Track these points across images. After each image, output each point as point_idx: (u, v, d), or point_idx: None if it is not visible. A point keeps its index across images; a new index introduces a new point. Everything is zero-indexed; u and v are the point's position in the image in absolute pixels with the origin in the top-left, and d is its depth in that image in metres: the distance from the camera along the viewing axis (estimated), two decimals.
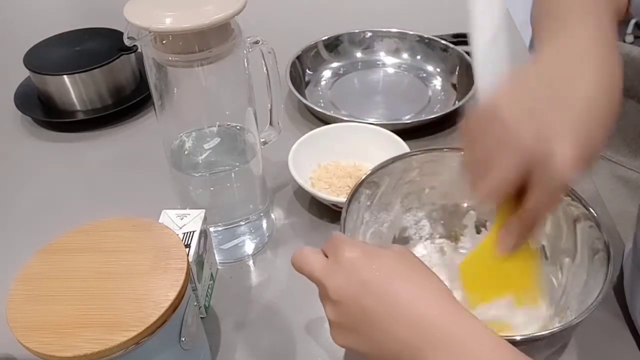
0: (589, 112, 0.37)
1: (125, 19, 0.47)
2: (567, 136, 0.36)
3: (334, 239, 0.41)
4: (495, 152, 0.39)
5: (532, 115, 0.38)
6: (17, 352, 0.53)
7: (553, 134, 0.36)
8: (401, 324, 0.35)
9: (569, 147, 0.36)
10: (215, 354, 0.54)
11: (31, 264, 0.43)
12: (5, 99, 0.87)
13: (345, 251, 0.39)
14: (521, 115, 0.38)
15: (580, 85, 0.38)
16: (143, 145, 0.80)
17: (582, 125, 0.37)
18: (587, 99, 0.38)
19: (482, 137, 0.40)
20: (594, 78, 0.39)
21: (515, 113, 0.38)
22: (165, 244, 0.44)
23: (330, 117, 0.79)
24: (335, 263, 0.39)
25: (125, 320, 0.38)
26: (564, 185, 0.38)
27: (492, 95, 0.41)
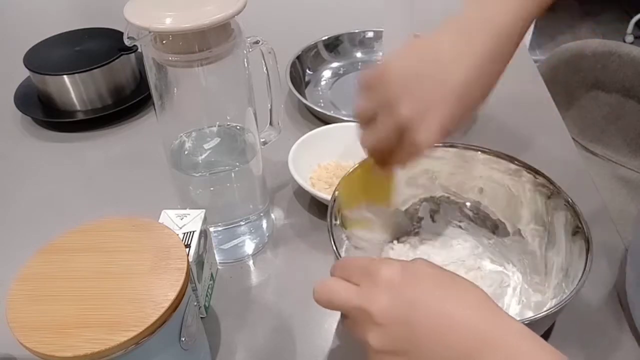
0: (459, 97, 0.43)
1: (125, 19, 0.47)
2: (435, 117, 0.43)
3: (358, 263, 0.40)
4: (378, 110, 0.45)
5: (413, 88, 0.43)
6: (17, 352, 0.53)
7: (425, 112, 0.43)
8: (451, 335, 0.35)
9: (433, 127, 0.43)
10: (215, 354, 0.54)
11: (31, 264, 0.43)
12: (5, 99, 0.87)
13: (382, 271, 0.38)
14: (405, 86, 0.43)
15: (460, 68, 0.43)
16: (143, 145, 0.80)
17: (450, 108, 0.43)
18: (461, 84, 0.43)
19: (371, 94, 0.46)
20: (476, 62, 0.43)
21: (400, 82, 0.44)
22: (165, 244, 0.44)
23: (330, 117, 0.79)
24: (373, 286, 0.38)
25: (125, 320, 0.38)
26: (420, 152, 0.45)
27: (389, 58, 0.46)
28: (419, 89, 0.43)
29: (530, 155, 0.74)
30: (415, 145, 0.44)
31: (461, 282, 0.38)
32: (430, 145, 0.44)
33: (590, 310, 0.56)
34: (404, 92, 0.43)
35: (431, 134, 0.43)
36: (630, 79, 0.75)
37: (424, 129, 0.43)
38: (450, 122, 0.44)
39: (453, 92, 0.43)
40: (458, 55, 0.43)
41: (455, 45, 0.44)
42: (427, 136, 0.43)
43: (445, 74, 0.43)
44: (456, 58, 0.43)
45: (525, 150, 0.75)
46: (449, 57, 0.44)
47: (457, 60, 0.43)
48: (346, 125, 0.75)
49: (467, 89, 0.43)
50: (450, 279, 0.38)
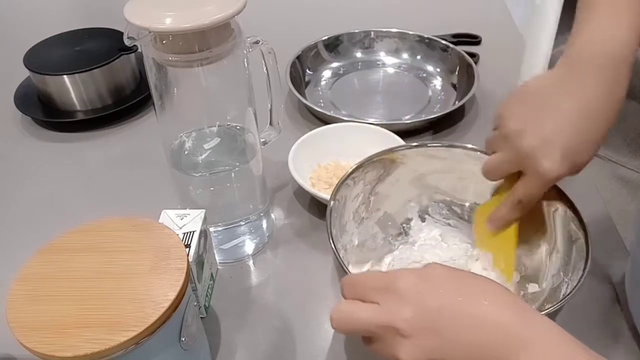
0: (578, 129, 0.44)
1: (125, 19, 0.47)
2: (556, 147, 0.43)
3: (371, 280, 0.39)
4: (502, 143, 0.47)
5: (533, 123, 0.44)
6: (17, 352, 0.53)
7: (547, 145, 0.44)
8: (481, 336, 0.35)
9: (556, 157, 0.44)
10: (215, 354, 0.54)
11: (31, 264, 0.43)
12: (5, 99, 0.87)
13: (401, 283, 0.37)
14: (525, 121, 0.45)
15: (572, 105, 0.44)
16: (143, 145, 0.80)
17: (570, 139, 0.44)
18: (576, 117, 0.44)
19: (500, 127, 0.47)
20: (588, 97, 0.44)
21: (520, 119, 0.45)
22: (165, 244, 0.44)
23: (330, 117, 0.79)
24: (393, 300, 0.37)
25: (125, 320, 0.38)
26: (545, 185, 0.46)
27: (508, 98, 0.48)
28: (537, 123, 0.44)
29: None
30: (541, 176, 0.44)
31: (481, 280, 0.38)
32: (555, 176, 0.44)
33: (590, 310, 0.56)
34: (524, 126, 0.45)
35: (555, 164, 0.44)
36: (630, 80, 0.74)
37: (546, 160, 0.44)
38: (573, 153, 0.44)
39: (573, 125, 0.44)
40: (573, 88, 0.44)
41: (569, 79, 0.45)
42: (551, 166, 0.44)
43: (563, 110, 0.44)
44: (571, 90, 0.44)
45: None
46: (565, 90, 0.45)
47: (573, 92, 0.44)
48: (346, 125, 0.75)
49: (587, 121, 0.44)
50: (470, 279, 0.38)
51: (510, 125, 0.45)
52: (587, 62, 0.45)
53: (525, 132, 0.44)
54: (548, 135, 0.44)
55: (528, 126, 0.44)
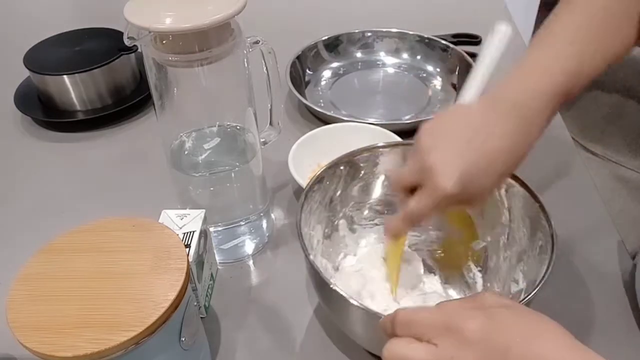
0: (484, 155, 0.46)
1: (125, 19, 0.47)
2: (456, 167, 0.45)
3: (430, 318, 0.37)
4: (413, 157, 0.49)
5: (442, 143, 0.47)
6: (17, 352, 0.53)
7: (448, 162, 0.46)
8: None
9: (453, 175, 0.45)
10: (215, 354, 0.54)
11: (31, 264, 0.43)
12: (5, 99, 0.87)
13: (467, 324, 0.35)
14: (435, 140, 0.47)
15: (487, 136, 0.46)
16: (143, 145, 0.80)
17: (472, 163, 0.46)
18: (486, 147, 0.46)
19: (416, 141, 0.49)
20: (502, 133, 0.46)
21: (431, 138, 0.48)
22: (165, 244, 0.44)
23: (330, 117, 0.79)
24: (457, 343, 0.34)
25: (125, 320, 0.38)
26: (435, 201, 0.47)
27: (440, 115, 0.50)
28: (447, 144, 0.46)
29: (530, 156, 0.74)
30: (435, 189, 0.46)
31: (542, 319, 0.36)
32: (445, 192, 0.45)
33: (590, 310, 0.56)
34: (434, 145, 0.47)
35: (451, 181, 0.45)
36: (630, 79, 0.74)
37: (444, 176, 0.45)
38: (468, 179, 0.45)
39: (476, 155, 0.46)
40: (486, 125, 0.46)
41: (485, 117, 0.47)
42: (447, 182, 0.45)
43: (472, 137, 0.46)
44: (484, 127, 0.46)
45: None
46: (478, 125, 0.47)
47: (485, 129, 0.46)
48: (346, 125, 0.75)
49: (488, 160, 0.46)
50: (531, 315, 0.36)
51: (424, 140, 0.48)
52: (509, 109, 0.47)
53: (433, 150, 0.46)
54: (451, 157, 0.46)
55: (438, 145, 0.47)
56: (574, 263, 0.60)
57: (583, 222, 0.64)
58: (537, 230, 0.50)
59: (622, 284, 0.58)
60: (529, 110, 0.47)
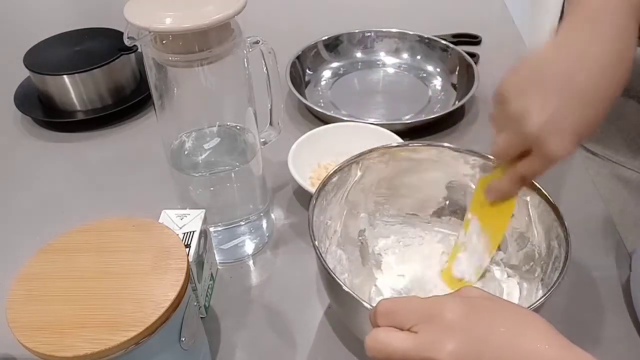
0: (588, 102, 0.42)
1: (125, 19, 0.47)
2: (566, 126, 0.42)
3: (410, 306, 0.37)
4: (507, 122, 0.45)
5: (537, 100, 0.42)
6: (17, 352, 0.53)
7: (554, 122, 0.42)
8: None
9: (567, 137, 0.42)
10: (215, 354, 0.54)
11: (31, 264, 0.43)
12: (5, 99, 0.87)
13: (448, 313, 0.34)
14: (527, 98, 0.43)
15: (582, 73, 0.42)
16: (143, 145, 0.80)
17: (580, 114, 0.42)
18: (587, 88, 0.41)
19: (503, 105, 0.45)
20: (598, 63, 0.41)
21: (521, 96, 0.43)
22: (165, 244, 0.44)
23: (330, 117, 0.79)
24: (436, 330, 0.34)
25: (125, 320, 0.38)
26: (551, 164, 0.44)
27: (506, 73, 0.45)
28: (541, 101, 0.42)
29: None
30: (549, 157, 0.43)
31: (524, 312, 0.36)
32: (565, 156, 0.42)
33: (591, 309, 0.56)
34: (527, 105, 0.42)
35: (564, 144, 0.42)
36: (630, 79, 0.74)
37: (555, 140, 0.42)
38: (583, 129, 0.42)
39: (580, 98, 0.42)
40: (577, 61, 0.42)
41: (567, 50, 0.43)
42: (561, 147, 0.42)
43: (567, 81, 0.42)
44: (576, 63, 0.42)
45: None
46: (569, 63, 0.42)
47: (578, 65, 0.42)
48: (346, 125, 0.75)
49: (594, 91, 0.42)
50: (514, 310, 0.36)
51: (513, 104, 0.43)
52: (594, 10, 0.42)
53: (529, 112, 0.42)
54: (553, 114, 0.41)
55: (531, 105, 0.42)
56: (574, 263, 0.60)
57: (583, 222, 0.64)
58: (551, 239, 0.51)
59: (621, 285, 0.58)
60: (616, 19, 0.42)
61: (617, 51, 0.42)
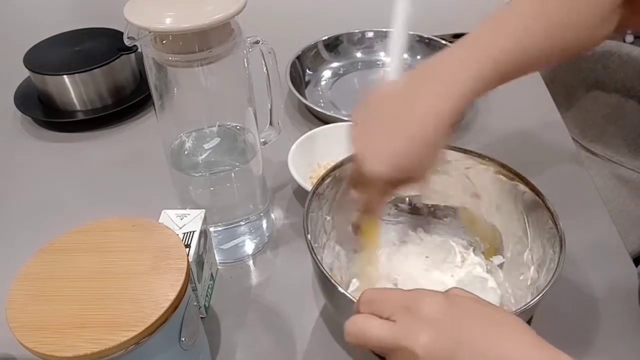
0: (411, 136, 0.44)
1: (125, 19, 0.47)
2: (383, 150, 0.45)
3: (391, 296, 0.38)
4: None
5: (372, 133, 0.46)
6: (17, 352, 0.53)
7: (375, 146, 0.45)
8: None
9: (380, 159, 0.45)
10: (215, 354, 0.54)
11: (31, 264, 0.43)
12: (5, 99, 0.87)
13: (425, 306, 0.35)
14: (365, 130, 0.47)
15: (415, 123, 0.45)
16: (143, 145, 0.80)
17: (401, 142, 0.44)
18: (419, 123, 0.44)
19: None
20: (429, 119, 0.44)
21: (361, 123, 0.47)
22: (165, 244, 0.44)
23: (330, 117, 0.79)
24: (413, 321, 0.35)
25: (125, 320, 0.38)
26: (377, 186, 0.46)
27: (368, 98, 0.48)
28: (374, 127, 0.46)
29: (530, 156, 0.74)
30: (369, 177, 0.45)
31: (504, 316, 0.36)
32: (380, 176, 0.44)
33: (598, 312, 0.56)
34: (362, 131, 0.47)
35: (377, 165, 0.44)
36: (630, 79, 0.75)
37: (372, 163, 0.45)
38: (402, 153, 0.44)
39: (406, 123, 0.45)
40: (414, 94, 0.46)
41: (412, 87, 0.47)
42: (372, 167, 0.44)
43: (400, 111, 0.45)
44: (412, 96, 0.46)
45: (525, 150, 0.75)
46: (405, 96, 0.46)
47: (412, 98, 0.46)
48: (346, 125, 0.74)
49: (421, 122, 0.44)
50: (494, 313, 0.37)
51: (353, 130, 0.47)
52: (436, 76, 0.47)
53: (361, 137, 0.46)
54: (380, 140, 0.45)
55: (366, 130, 0.46)
56: (574, 263, 0.60)
57: (583, 223, 0.64)
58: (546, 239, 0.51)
59: (621, 285, 0.58)
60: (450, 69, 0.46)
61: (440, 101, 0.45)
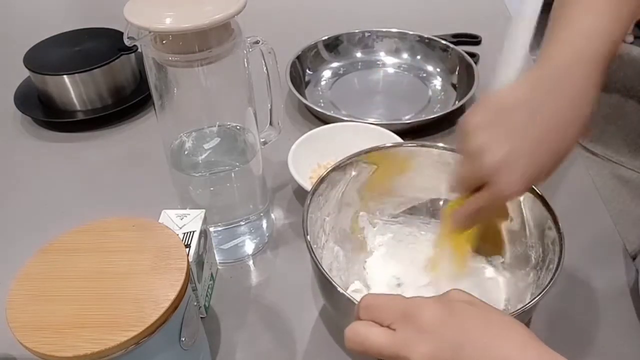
0: (542, 147, 0.44)
1: (125, 19, 0.47)
2: (519, 167, 0.44)
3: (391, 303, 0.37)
4: (467, 155, 0.47)
5: (496, 140, 0.44)
6: (17, 352, 0.53)
7: (508, 163, 0.44)
8: None
9: (516, 177, 0.44)
10: (215, 354, 0.54)
11: (31, 264, 0.43)
12: (5, 99, 0.87)
13: (424, 315, 0.35)
14: (488, 137, 0.45)
15: (541, 120, 0.44)
16: (143, 145, 0.80)
17: (534, 158, 0.44)
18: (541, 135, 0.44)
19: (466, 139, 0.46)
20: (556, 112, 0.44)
21: (483, 134, 0.45)
22: (165, 244, 0.44)
23: (330, 117, 0.79)
24: (412, 330, 0.35)
25: (125, 320, 0.38)
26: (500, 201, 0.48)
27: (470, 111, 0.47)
28: (501, 142, 0.44)
29: None
30: (497, 193, 0.45)
31: (505, 320, 0.36)
32: (512, 195, 0.44)
33: (598, 312, 0.56)
34: (487, 144, 0.44)
35: (513, 184, 0.44)
36: (630, 79, 0.75)
37: (505, 179, 0.44)
38: (534, 174, 0.44)
39: (534, 147, 0.44)
40: (534, 111, 0.44)
41: (533, 98, 0.44)
42: (509, 186, 0.44)
43: (524, 129, 0.44)
44: (536, 109, 0.44)
45: None
46: (528, 112, 0.44)
47: (537, 111, 0.44)
48: (346, 125, 0.75)
49: (547, 142, 0.44)
50: (495, 316, 0.36)
51: (473, 140, 0.45)
52: (559, 66, 0.45)
53: (486, 150, 0.44)
54: (507, 155, 0.44)
55: (489, 143, 0.44)
56: (573, 263, 0.60)
57: (583, 222, 0.64)
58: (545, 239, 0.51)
59: (621, 284, 0.58)
60: (578, 79, 0.44)
61: (573, 110, 0.44)
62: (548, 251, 0.50)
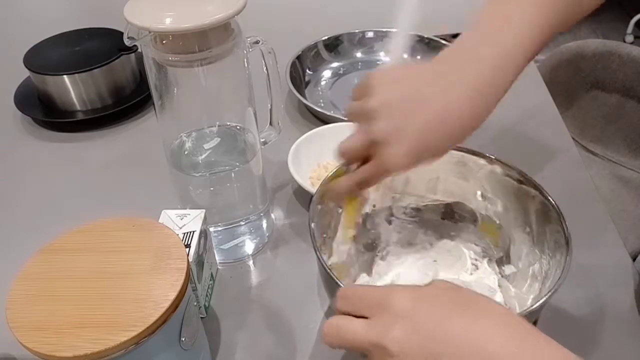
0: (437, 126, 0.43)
1: (125, 19, 0.47)
2: (407, 141, 0.43)
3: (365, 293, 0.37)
4: (359, 117, 0.46)
5: (394, 109, 0.43)
6: (17, 352, 0.53)
7: (399, 133, 0.43)
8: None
9: (403, 150, 0.43)
10: (215, 354, 0.54)
11: (31, 264, 0.43)
12: (5, 99, 0.87)
13: (396, 301, 0.35)
14: (387, 104, 0.43)
15: (445, 99, 0.43)
16: (143, 145, 0.80)
17: (426, 135, 0.43)
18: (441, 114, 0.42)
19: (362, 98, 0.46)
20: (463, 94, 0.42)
21: (383, 100, 0.44)
22: (165, 244, 0.44)
23: (330, 117, 0.79)
24: (385, 317, 0.35)
25: (125, 320, 0.38)
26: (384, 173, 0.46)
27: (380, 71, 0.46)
28: (399, 111, 0.43)
29: (531, 156, 0.74)
30: (382, 165, 0.44)
31: (483, 301, 0.36)
32: (395, 167, 0.43)
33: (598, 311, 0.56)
34: (385, 109, 0.43)
35: (399, 156, 0.43)
36: (630, 79, 0.75)
37: (393, 150, 0.43)
38: (422, 149, 0.43)
39: (430, 121, 0.43)
40: (447, 86, 0.43)
41: (446, 76, 0.43)
42: (394, 157, 0.43)
43: (428, 103, 0.43)
44: (444, 89, 0.43)
45: (525, 150, 0.75)
46: (437, 87, 0.43)
47: (444, 91, 0.43)
48: (346, 125, 0.74)
49: (448, 118, 0.43)
50: (470, 299, 0.36)
51: (371, 101, 0.44)
52: (471, 50, 0.44)
53: (379, 115, 0.43)
54: (402, 126, 0.43)
55: (387, 110, 0.43)
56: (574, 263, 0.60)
57: (583, 223, 0.64)
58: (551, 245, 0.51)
59: (621, 284, 0.58)
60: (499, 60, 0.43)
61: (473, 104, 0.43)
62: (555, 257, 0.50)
